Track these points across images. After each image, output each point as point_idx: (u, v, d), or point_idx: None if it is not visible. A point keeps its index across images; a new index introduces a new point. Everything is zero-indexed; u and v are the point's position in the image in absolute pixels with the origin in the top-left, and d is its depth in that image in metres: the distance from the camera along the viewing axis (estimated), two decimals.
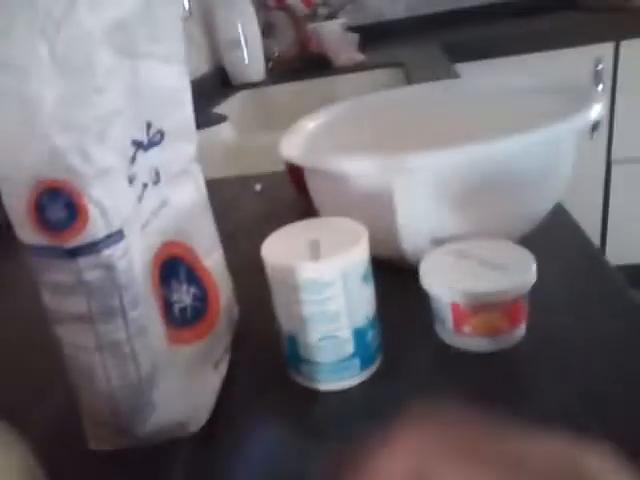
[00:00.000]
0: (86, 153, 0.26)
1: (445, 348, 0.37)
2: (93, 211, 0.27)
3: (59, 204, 0.26)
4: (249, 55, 1.59)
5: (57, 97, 0.26)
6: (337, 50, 1.61)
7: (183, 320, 0.36)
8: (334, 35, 1.63)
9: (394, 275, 0.43)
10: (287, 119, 0.84)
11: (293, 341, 0.35)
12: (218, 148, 1.04)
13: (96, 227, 0.27)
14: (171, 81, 0.36)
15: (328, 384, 0.35)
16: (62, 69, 0.26)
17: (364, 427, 0.32)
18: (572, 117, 0.40)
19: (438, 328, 0.38)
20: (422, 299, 0.38)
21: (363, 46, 1.66)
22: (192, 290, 0.37)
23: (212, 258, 0.40)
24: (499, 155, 0.40)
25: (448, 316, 0.36)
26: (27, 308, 0.54)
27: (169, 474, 0.32)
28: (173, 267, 0.36)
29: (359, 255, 0.34)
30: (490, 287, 0.35)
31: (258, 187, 0.74)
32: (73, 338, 0.30)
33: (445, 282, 0.36)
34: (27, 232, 0.28)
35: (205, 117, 1.12)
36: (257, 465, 0.31)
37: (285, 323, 0.36)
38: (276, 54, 1.72)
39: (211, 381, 0.37)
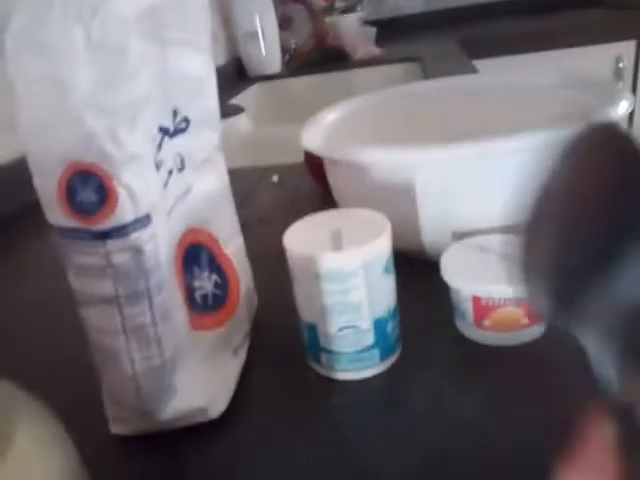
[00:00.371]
0: (118, 138, 0.27)
1: (464, 341, 0.37)
2: (123, 195, 0.27)
3: (90, 187, 0.27)
4: (266, 47, 1.59)
5: (91, 81, 0.26)
6: (354, 44, 1.60)
7: (204, 306, 0.36)
8: (351, 29, 1.62)
9: (414, 267, 0.43)
10: (303, 112, 0.84)
11: (313, 330, 0.36)
12: (234, 139, 1.04)
13: (125, 211, 0.28)
14: (197, 69, 0.36)
15: (347, 374, 0.36)
16: (96, 54, 0.26)
17: (382, 418, 0.32)
18: (598, 112, 0.40)
19: (458, 321, 0.38)
20: (442, 292, 0.38)
21: (380, 40, 1.66)
22: (213, 277, 0.38)
23: (233, 246, 0.41)
24: (521, 150, 0.40)
25: (469, 309, 0.36)
26: (48, 290, 0.54)
27: (188, 459, 0.32)
28: (195, 254, 0.36)
29: (382, 246, 0.34)
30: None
31: (275, 178, 0.74)
32: (99, 321, 0.30)
33: (467, 275, 0.36)
34: (57, 214, 0.28)
35: (222, 108, 1.12)
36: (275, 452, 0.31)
37: (306, 312, 0.36)
38: (293, 47, 1.72)
39: (230, 367, 0.37)
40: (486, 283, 0.35)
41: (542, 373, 0.34)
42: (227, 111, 1.09)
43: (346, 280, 0.33)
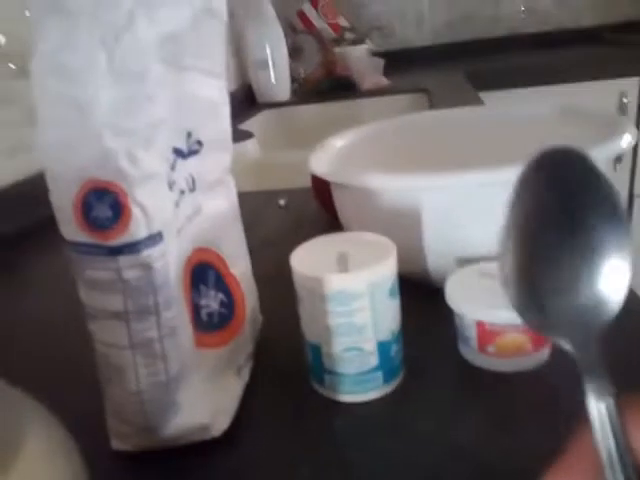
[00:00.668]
0: (134, 157, 0.28)
1: (468, 367, 0.38)
2: (136, 212, 0.28)
3: (105, 204, 0.28)
4: (276, 75, 1.63)
5: (111, 102, 0.27)
6: (362, 74, 1.63)
7: (209, 325, 0.37)
8: (360, 59, 1.66)
9: (418, 291, 0.44)
10: (310, 139, 0.85)
11: (317, 351, 0.36)
12: (242, 164, 1.06)
13: (138, 228, 0.28)
14: (212, 94, 0.38)
15: (350, 396, 0.36)
16: (118, 77, 0.27)
17: (384, 441, 0.32)
18: (603, 144, 0.40)
19: (462, 347, 0.38)
20: (446, 317, 0.39)
21: (388, 71, 1.69)
22: (220, 296, 0.38)
23: (240, 267, 0.41)
24: None
25: (473, 335, 0.37)
26: (50, 307, 0.55)
27: (190, 477, 0.32)
28: (203, 272, 0.37)
29: (388, 269, 0.34)
30: None
31: (282, 202, 0.75)
32: (106, 335, 0.30)
33: (471, 300, 0.37)
34: (71, 229, 0.29)
35: (232, 133, 1.14)
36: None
37: (310, 333, 0.36)
38: (302, 75, 1.75)
39: (233, 387, 0.37)
40: (490, 309, 0.36)
41: (545, 399, 0.34)
42: (236, 136, 1.11)
43: (351, 301, 0.34)
